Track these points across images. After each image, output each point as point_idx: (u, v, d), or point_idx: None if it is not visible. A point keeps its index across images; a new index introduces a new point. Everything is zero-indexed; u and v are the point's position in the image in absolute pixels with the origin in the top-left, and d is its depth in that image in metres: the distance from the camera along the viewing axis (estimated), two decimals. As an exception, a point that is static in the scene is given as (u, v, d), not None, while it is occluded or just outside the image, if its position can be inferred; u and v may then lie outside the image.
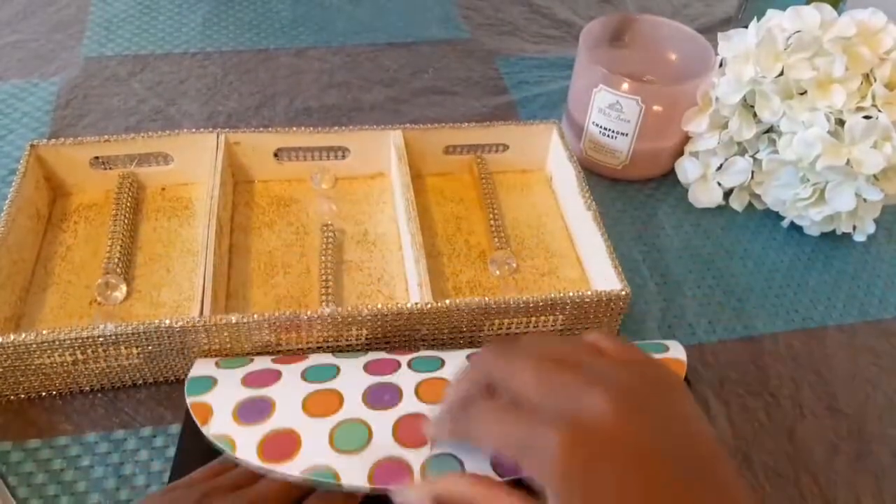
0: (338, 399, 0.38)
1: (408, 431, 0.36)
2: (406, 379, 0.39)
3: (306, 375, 0.40)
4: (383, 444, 0.36)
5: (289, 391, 0.39)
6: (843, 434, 0.47)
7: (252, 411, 0.37)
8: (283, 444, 0.36)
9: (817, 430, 0.47)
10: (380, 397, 0.38)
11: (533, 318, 0.47)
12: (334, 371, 0.40)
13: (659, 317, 0.53)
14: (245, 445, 0.36)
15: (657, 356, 0.42)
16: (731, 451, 0.46)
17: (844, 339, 0.53)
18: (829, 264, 0.58)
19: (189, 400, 0.38)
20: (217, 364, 0.42)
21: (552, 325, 0.48)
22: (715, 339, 0.52)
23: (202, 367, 0.41)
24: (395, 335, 0.46)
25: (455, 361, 0.41)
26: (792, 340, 0.52)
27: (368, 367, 0.40)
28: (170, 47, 0.74)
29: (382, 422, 0.37)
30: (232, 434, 0.36)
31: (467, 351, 0.43)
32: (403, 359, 0.41)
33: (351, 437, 0.36)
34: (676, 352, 0.43)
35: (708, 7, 0.86)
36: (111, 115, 0.65)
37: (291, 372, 0.40)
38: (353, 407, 0.37)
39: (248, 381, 0.39)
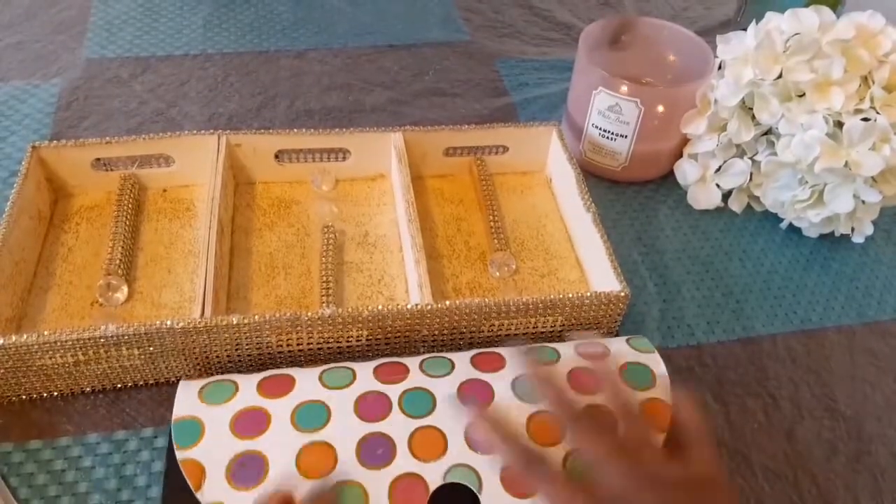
0: (332, 455, 0.38)
1: (403, 495, 0.37)
2: (398, 426, 0.39)
3: (297, 420, 0.39)
4: None
5: (281, 443, 0.38)
6: (841, 435, 0.47)
7: (245, 472, 0.37)
8: None
9: (816, 430, 0.47)
10: (373, 451, 0.38)
11: (532, 319, 0.47)
12: (324, 414, 0.39)
13: (658, 318, 0.53)
14: None
15: (639, 392, 0.41)
16: (729, 451, 0.46)
17: (843, 340, 0.53)
18: (827, 266, 0.58)
19: (179, 456, 0.38)
20: (201, 396, 0.40)
21: (551, 326, 0.48)
22: (714, 339, 0.52)
23: (186, 403, 0.40)
24: (396, 336, 0.46)
25: (444, 400, 0.40)
26: (790, 341, 0.53)
27: (359, 407, 0.40)
28: (171, 49, 0.74)
29: (378, 483, 0.37)
30: (227, 502, 0.36)
31: (457, 380, 0.42)
32: (393, 393, 0.41)
33: (348, 503, 0.36)
34: (661, 390, 0.42)
35: (707, 10, 0.86)
36: (112, 116, 0.65)
37: (281, 412, 0.39)
38: (348, 466, 0.37)
39: (238, 427, 0.39)
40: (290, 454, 0.38)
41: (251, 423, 0.39)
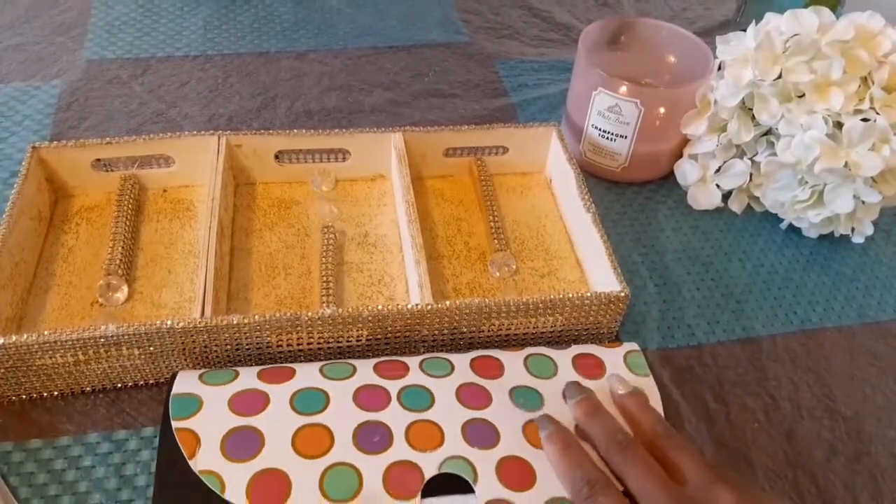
0: (328, 437, 0.38)
1: (397, 481, 0.37)
2: (396, 417, 0.39)
3: (295, 403, 0.39)
4: (373, 493, 0.36)
5: (278, 423, 0.38)
6: (841, 435, 0.47)
7: (240, 445, 0.37)
8: (273, 487, 0.36)
9: (816, 431, 0.47)
10: (369, 438, 0.38)
11: (532, 320, 0.47)
12: (323, 400, 0.40)
13: (658, 318, 0.53)
14: (234, 487, 0.36)
15: None
16: (729, 451, 0.46)
17: (843, 340, 0.53)
18: (827, 266, 0.58)
19: (175, 424, 0.38)
20: (201, 378, 0.41)
21: (552, 327, 0.48)
22: (714, 340, 0.52)
23: (186, 383, 0.41)
24: (396, 336, 0.46)
25: (442, 398, 0.40)
26: (790, 342, 0.53)
27: (358, 397, 0.40)
28: (171, 50, 0.74)
29: (373, 468, 0.37)
30: (220, 471, 0.36)
31: (456, 382, 0.42)
32: (393, 388, 0.41)
33: (341, 485, 0.36)
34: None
35: (706, 10, 0.87)
36: (113, 117, 0.65)
37: (279, 397, 0.40)
38: (344, 448, 0.37)
39: (236, 405, 0.39)
40: (287, 433, 0.38)
41: (249, 402, 0.39)
